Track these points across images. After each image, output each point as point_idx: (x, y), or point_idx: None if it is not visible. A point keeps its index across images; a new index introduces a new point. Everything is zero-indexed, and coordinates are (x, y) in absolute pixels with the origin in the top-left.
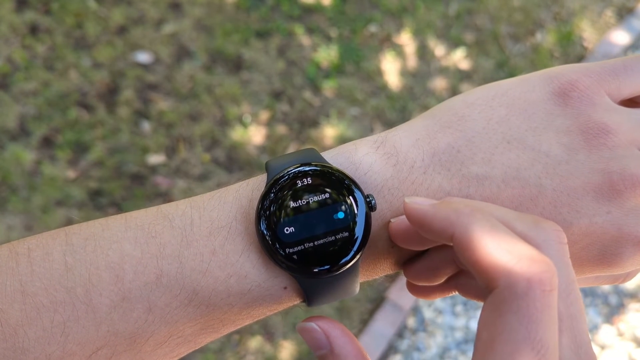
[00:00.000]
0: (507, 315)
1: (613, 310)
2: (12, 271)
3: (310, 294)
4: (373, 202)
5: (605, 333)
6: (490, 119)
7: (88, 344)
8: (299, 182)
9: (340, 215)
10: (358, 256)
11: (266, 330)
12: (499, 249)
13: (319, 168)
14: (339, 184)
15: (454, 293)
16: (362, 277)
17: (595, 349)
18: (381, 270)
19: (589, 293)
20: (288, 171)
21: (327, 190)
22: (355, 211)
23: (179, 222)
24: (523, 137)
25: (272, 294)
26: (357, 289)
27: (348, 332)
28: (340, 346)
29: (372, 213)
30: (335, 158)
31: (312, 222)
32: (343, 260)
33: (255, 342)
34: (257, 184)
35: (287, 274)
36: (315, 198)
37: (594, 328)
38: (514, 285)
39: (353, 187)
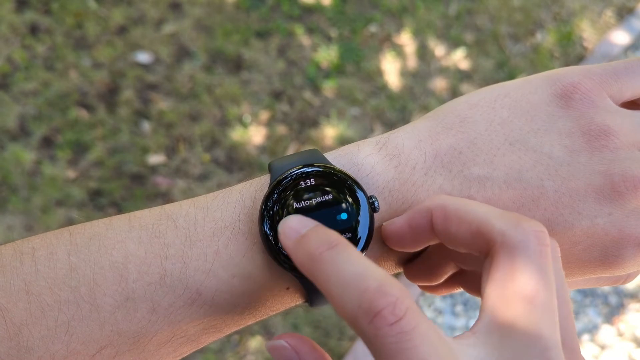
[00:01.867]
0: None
1: (613, 311)
2: (16, 270)
3: (312, 295)
4: (376, 203)
5: (605, 333)
6: (492, 120)
7: (92, 343)
8: (302, 182)
9: (344, 216)
10: None
11: (266, 330)
12: (342, 299)
13: (322, 169)
14: (342, 184)
15: (458, 289)
16: None
17: (595, 349)
18: None
19: (589, 293)
20: (291, 172)
21: (330, 191)
22: (358, 212)
23: (183, 222)
24: (525, 139)
25: (275, 294)
26: None
27: (318, 347)
28: None
29: (375, 214)
30: (338, 159)
31: None
32: None
33: (255, 342)
34: (260, 185)
35: (290, 274)
36: (318, 199)
37: (594, 328)
38: (364, 333)
39: (356, 188)
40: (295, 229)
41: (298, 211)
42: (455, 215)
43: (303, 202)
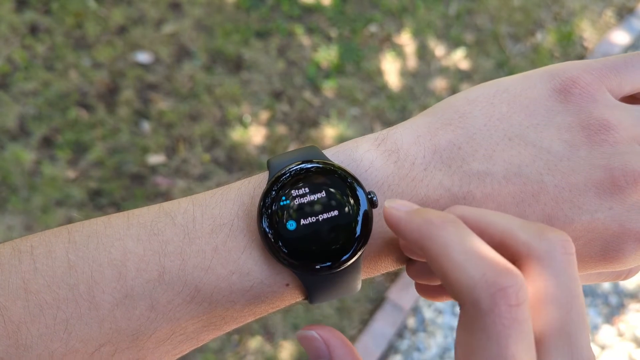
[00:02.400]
0: (477, 333)
1: (613, 311)
2: (15, 269)
3: (312, 291)
4: (375, 198)
5: (606, 333)
6: (491, 116)
7: (91, 341)
8: (300, 179)
9: (343, 212)
10: (360, 253)
11: (266, 330)
12: (464, 262)
13: (320, 165)
14: (341, 181)
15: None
16: (364, 274)
17: (595, 349)
18: (383, 267)
19: (589, 293)
20: (289, 168)
21: (329, 187)
22: (357, 208)
23: (181, 219)
24: (524, 134)
25: (274, 290)
26: (359, 286)
27: (348, 343)
28: (339, 356)
29: (374, 210)
30: (336, 155)
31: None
32: (344, 257)
33: (255, 342)
34: (258, 182)
35: (289, 271)
36: (317, 195)
37: (594, 328)
38: (478, 302)
39: (355, 184)
40: (405, 205)
41: (297, 208)
42: (477, 227)
43: (302, 198)
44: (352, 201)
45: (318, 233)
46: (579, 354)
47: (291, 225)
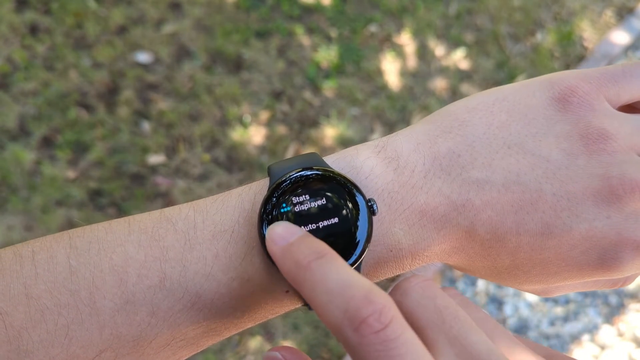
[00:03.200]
0: None
1: (613, 311)
2: (16, 274)
3: None
4: (374, 206)
5: (606, 333)
6: (490, 124)
7: (91, 346)
8: (300, 186)
9: (342, 219)
10: (359, 260)
11: (266, 330)
12: (328, 306)
13: (320, 172)
14: (341, 188)
15: None
16: None
17: (596, 349)
18: (383, 273)
19: (589, 293)
20: (290, 175)
21: (329, 194)
22: (357, 215)
23: (182, 225)
24: (523, 142)
25: (274, 297)
26: None
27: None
28: None
29: (373, 217)
30: (336, 162)
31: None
32: None
33: (255, 342)
34: (259, 188)
35: None
36: (318, 202)
37: (594, 328)
38: (348, 341)
39: (355, 191)
40: (283, 236)
41: (297, 215)
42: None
43: (302, 205)
44: (352, 208)
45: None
46: (471, 350)
47: None
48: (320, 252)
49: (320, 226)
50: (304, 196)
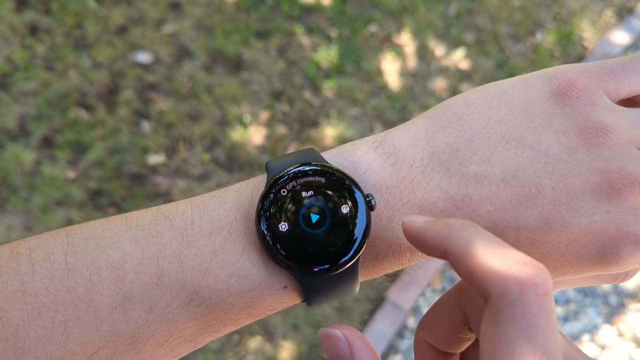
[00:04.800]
0: (504, 323)
1: (613, 311)
2: (13, 271)
3: (310, 294)
4: (373, 201)
5: (606, 333)
6: (489, 118)
7: (89, 343)
8: (298, 182)
9: (341, 215)
10: (358, 255)
11: (266, 330)
12: (490, 257)
13: (318, 168)
14: (339, 183)
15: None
16: (362, 277)
17: (596, 349)
18: (381, 269)
19: (589, 293)
20: (288, 171)
21: (327, 189)
22: (355, 211)
23: (180, 222)
24: (522, 137)
25: (272, 293)
26: (357, 288)
27: (371, 345)
28: (362, 358)
29: (371, 212)
30: (334, 158)
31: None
32: (343, 260)
33: (255, 342)
34: (257, 184)
35: (288, 273)
36: (315, 198)
37: (594, 328)
38: (507, 292)
39: (353, 186)
40: (424, 217)
41: (295, 210)
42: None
43: (300, 201)
44: (350, 204)
45: (316, 235)
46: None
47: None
48: (472, 223)
49: (319, 221)
50: (301, 192)
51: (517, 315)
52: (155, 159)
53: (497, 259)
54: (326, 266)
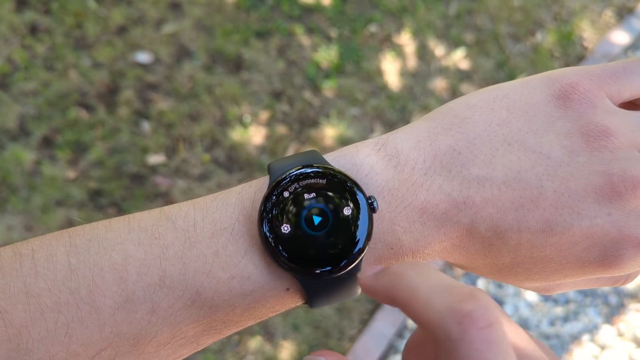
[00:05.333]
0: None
1: (613, 311)
2: (16, 272)
3: (312, 295)
4: (375, 203)
5: (606, 333)
6: (491, 121)
7: (92, 345)
8: (301, 183)
9: (343, 217)
10: (359, 258)
11: (266, 330)
12: (430, 301)
13: (320, 170)
14: (341, 185)
15: None
16: None
17: (596, 349)
18: None
19: (589, 293)
20: (290, 173)
21: (329, 192)
22: (357, 213)
23: (182, 223)
24: (524, 139)
25: (274, 295)
26: (359, 290)
27: None
28: None
29: (374, 215)
30: (337, 160)
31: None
32: (345, 262)
33: (255, 342)
34: (259, 186)
35: (290, 275)
36: (317, 200)
37: (594, 328)
38: (449, 334)
39: (355, 188)
40: (372, 270)
41: (297, 212)
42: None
43: (302, 203)
44: (352, 206)
45: (318, 237)
46: None
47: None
48: (413, 264)
49: (321, 224)
50: (303, 194)
51: (464, 355)
52: (155, 159)
53: (437, 299)
54: (328, 268)
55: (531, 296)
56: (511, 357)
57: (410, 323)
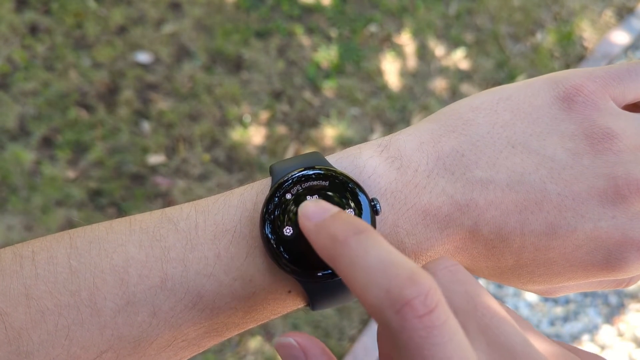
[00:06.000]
0: (401, 351)
1: (613, 311)
2: (16, 274)
3: (313, 298)
4: (377, 206)
5: (606, 333)
6: (494, 123)
7: (92, 347)
8: (303, 185)
9: None
10: None
11: (266, 330)
12: (368, 284)
13: (323, 172)
14: (343, 187)
15: None
16: None
17: (596, 349)
18: None
19: (589, 293)
20: (292, 175)
21: (331, 193)
22: (360, 215)
23: (184, 225)
24: (527, 142)
25: (276, 297)
26: None
27: (328, 352)
28: None
29: (376, 217)
30: (339, 162)
31: None
32: None
33: (255, 343)
34: (261, 188)
35: (292, 277)
36: None
37: (594, 328)
38: (389, 323)
39: (357, 190)
40: (317, 212)
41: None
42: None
43: None
44: (354, 208)
45: None
46: (503, 340)
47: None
48: (359, 227)
49: None
50: (306, 196)
51: (407, 343)
52: (155, 159)
53: (375, 282)
54: (330, 271)
55: (531, 296)
56: (457, 333)
57: None
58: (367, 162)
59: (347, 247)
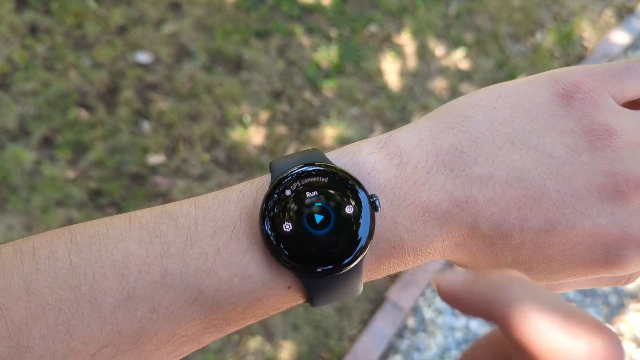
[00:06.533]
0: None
1: (613, 311)
2: (16, 269)
3: (313, 294)
4: (377, 202)
5: None
6: (494, 120)
7: (92, 342)
8: (302, 182)
9: (345, 215)
10: (361, 256)
11: (266, 330)
12: (547, 329)
13: (322, 168)
14: (343, 183)
15: None
16: (365, 277)
17: None
18: (385, 270)
19: (589, 293)
20: (292, 171)
21: (331, 190)
22: (359, 211)
23: (184, 221)
24: (527, 139)
25: (276, 293)
26: (361, 289)
27: None
28: None
29: (375, 213)
30: (339, 158)
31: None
32: (346, 261)
33: (255, 342)
34: (261, 184)
35: (291, 273)
36: (319, 198)
37: None
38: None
39: (357, 187)
40: (460, 276)
41: (298, 210)
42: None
43: (304, 201)
44: (354, 204)
45: (320, 236)
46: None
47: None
48: (516, 275)
49: (323, 222)
50: (305, 192)
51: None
52: (155, 159)
53: (555, 329)
54: (330, 267)
55: None
56: None
57: (411, 323)
58: (366, 158)
59: (511, 290)
